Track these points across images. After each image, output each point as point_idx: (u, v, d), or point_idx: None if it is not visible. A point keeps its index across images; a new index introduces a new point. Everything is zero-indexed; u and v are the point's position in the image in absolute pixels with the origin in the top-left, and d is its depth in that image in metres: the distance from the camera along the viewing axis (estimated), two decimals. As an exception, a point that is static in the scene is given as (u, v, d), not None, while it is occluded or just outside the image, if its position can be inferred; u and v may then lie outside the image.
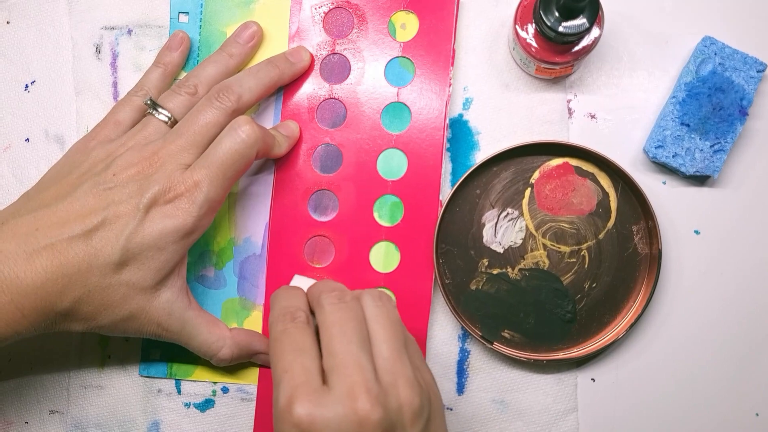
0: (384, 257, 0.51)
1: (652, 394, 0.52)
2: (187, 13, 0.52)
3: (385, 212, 0.51)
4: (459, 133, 0.52)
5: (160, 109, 0.47)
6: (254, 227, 0.52)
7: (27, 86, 0.53)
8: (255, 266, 0.51)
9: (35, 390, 0.53)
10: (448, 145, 0.52)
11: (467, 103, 0.52)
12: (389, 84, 0.51)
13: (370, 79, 0.51)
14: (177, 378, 0.51)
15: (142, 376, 0.52)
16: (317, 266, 0.51)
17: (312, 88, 0.51)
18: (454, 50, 0.51)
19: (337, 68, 0.51)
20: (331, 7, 0.51)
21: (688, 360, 0.52)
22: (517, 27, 0.48)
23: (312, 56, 0.51)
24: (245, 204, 0.52)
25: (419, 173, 0.50)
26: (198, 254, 0.51)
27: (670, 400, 0.52)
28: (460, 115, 0.52)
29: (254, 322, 0.51)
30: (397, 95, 0.51)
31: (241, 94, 0.47)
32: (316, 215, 0.51)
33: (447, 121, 0.51)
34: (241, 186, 0.52)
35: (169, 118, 0.47)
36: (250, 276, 0.51)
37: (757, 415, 0.52)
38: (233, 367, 0.51)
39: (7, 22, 0.54)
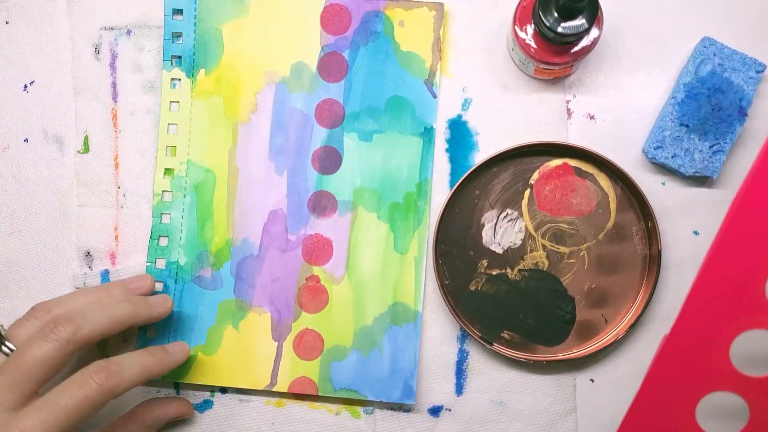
0: None
1: (652, 395, 0.52)
2: (181, 11, 0.52)
3: None
4: (458, 134, 0.52)
5: (6, 342, 0.43)
6: (252, 228, 0.51)
7: (26, 86, 0.53)
8: (252, 267, 0.51)
9: (34, 390, 0.53)
10: (446, 146, 0.52)
11: (466, 104, 0.52)
12: None
13: None
14: (169, 380, 0.51)
15: None
16: None
17: None
18: None
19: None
20: None
21: (687, 361, 0.52)
22: (516, 27, 0.48)
23: (172, 305, 0.48)
24: (244, 204, 0.52)
25: None
26: (195, 255, 0.51)
27: (670, 402, 0.52)
28: (459, 116, 0.52)
29: (249, 323, 0.51)
30: None
31: (80, 326, 0.41)
32: (314, 216, 0.51)
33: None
34: (240, 186, 0.52)
35: (13, 351, 0.42)
36: (246, 277, 0.51)
37: (757, 416, 0.51)
38: (230, 370, 0.51)
39: (6, 23, 0.54)
